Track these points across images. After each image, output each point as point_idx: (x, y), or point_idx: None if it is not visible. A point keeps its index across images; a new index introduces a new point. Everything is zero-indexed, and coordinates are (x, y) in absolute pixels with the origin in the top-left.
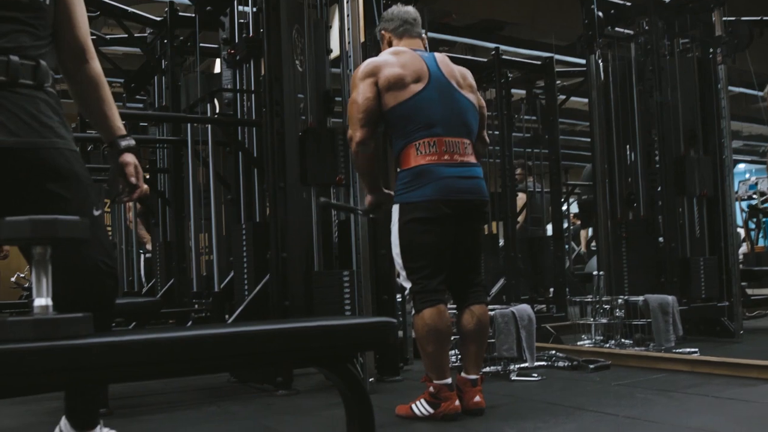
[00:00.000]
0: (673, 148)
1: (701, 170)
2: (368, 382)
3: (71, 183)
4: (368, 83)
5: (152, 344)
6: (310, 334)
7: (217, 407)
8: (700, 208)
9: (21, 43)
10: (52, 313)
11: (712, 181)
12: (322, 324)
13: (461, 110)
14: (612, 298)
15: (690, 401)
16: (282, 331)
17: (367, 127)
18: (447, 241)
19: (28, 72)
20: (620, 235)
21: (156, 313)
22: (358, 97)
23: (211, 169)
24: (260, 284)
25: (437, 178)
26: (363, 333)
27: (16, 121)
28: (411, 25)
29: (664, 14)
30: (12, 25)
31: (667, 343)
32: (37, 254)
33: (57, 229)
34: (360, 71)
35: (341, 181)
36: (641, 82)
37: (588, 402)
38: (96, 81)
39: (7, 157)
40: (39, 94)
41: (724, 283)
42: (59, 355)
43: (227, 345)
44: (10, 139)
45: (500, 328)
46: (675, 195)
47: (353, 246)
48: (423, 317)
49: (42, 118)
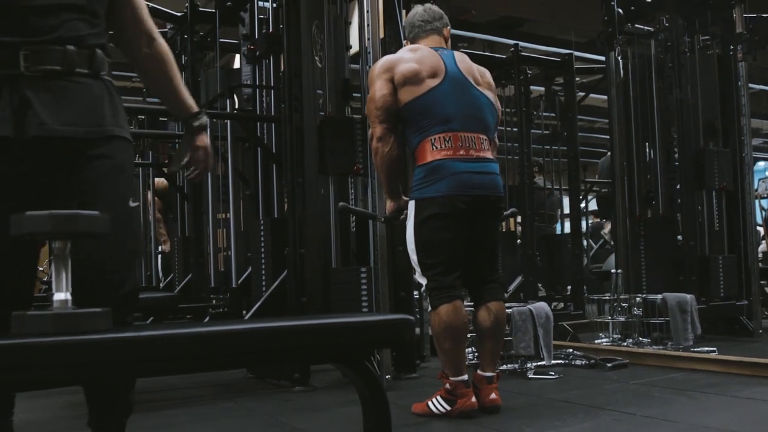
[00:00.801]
0: (692, 145)
1: (721, 163)
2: (385, 379)
3: (116, 173)
4: (384, 79)
5: (170, 340)
6: (328, 330)
7: (233, 403)
8: (720, 205)
9: (78, 32)
10: (72, 308)
11: (732, 174)
12: (339, 321)
13: (478, 106)
14: (630, 296)
15: (708, 401)
16: (299, 327)
17: (386, 123)
18: (462, 237)
19: (84, 61)
20: (639, 232)
21: (174, 308)
22: (375, 94)
23: (230, 165)
24: (278, 280)
25: (452, 173)
26: (380, 330)
27: (71, 110)
28: (420, 26)
29: (685, 11)
30: (68, 13)
31: (685, 342)
32: (57, 249)
33: (77, 224)
34: (376, 68)
35: (359, 171)
36: (661, 79)
37: (605, 401)
38: (163, 58)
39: (60, 145)
40: (95, 83)
41: (743, 281)
42: (78, 349)
43: (245, 341)
44: (64, 128)
45: (518, 325)
46: (694, 192)
47: (371, 242)
48: (439, 314)
49: (96, 107)
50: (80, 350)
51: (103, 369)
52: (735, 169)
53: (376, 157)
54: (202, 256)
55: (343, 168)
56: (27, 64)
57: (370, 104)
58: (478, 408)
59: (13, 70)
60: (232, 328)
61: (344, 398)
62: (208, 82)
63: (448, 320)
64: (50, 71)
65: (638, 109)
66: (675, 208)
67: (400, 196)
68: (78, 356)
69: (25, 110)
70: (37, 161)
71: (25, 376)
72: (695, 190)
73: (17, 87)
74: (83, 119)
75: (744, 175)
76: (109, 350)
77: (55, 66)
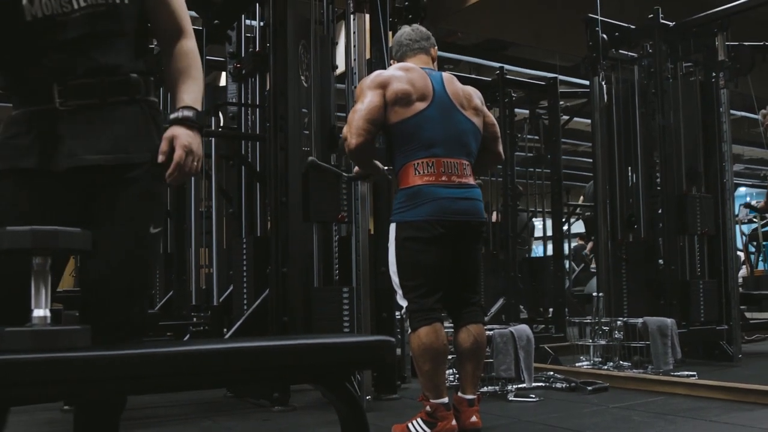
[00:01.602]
0: (674, 170)
1: (702, 209)
2: (365, 399)
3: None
4: (377, 93)
5: (149, 358)
6: (308, 351)
7: (212, 422)
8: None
9: (113, 60)
10: (50, 325)
11: (713, 213)
12: (319, 341)
13: (462, 131)
14: (611, 320)
15: (687, 425)
16: (279, 347)
17: (366, 135)
18: (443, 261)
19: (119, 88)
20: (620, 256)
21: (154, 325)
22: (364, 104)
23: (214, 183)
24: (259, 299)
25: (434, 199)
26: (361, 351)
27: (103, 138)
28: (408, 45)
29: (668, 38)
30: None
31: (665, 366)
32: (37, 265)
33: (58, 240)
34: (369, 80)
35: (343, 219)
36: (644, 105)
37: (585, 424)
38: (181, 53)
39: (91, 173)
40: (130, 108)
41: (724, 306)
42: (57, 366)
43: (224, 360)
44: (95, 156)
45: (499, 347)
46: (676, 220)
47: (353, 263)
48: (419, 336)
49: (129, 133)
50: (58, 367)
51: (80, 387)
52: (716, 196)
53: (349, 157)
54: (185, 274)
55: (328, 217)
56: (61, 99)
57: (353, 115)
58: (458, 431)
59: (47, 105)
60: (212, 347)
61: (324, 419)
62: None
63: (428, 342)
64: (84, 104)
65: (621, 134)
66: (656, 233)
67: (372, 166)
68: (56, 373)
69: (56, 143)
70: (70, 190)
71: (3, 393)
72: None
73: (50, 121)
74: (115, 146)
75: (725, 201)
76: (87, 368)
77: (89, 99)
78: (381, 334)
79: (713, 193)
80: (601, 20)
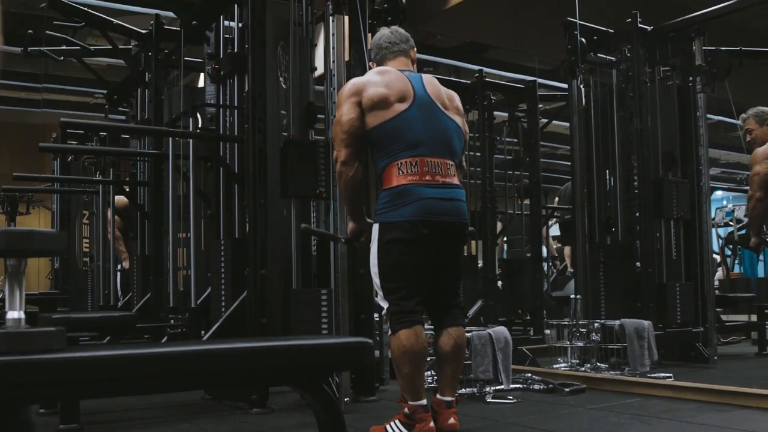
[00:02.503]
0: (651, 174)
1: (679, 193)
2: (343, 401)
3: None
4: (352, 103)
5: (124, 360)
6: (285, 352)
7: (190, 424)
8: (678, 234)
9: None
10: (25, 327)
11: (689, 204)
12: (296, 343)
13: (446, 131)
14: (588, 322)
15: (663, 426)
16: (256, 349)
17: (351, 147)
18: (425, 263)
19: None
20: (598, 259)
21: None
22: (342, 117)
23: (192, 184)
24: (237, 301)
25: (417, 199)
26: (338, 353)
27: None
28: (387, 47)
29: (646, 42)
30: None
31: (642, 368)
32: (11, 266)
33: (32, 241)
34: (344, 91)
35: (322, 194)
36: (622, 108)
37: (562, 426)
38: None
39: None
40: None
41: (700, 308)
42: (31, 368)
43: (201, 362)
44: None
45: (477, 349)
46: (653, 220)
47: (332, 264)
48: (399, 338)
49: None
50: (33, 369)
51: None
52: (693, 198)
53: (339, 180)
54: (162, 275)
55: (306, 191)
56: None
57: (336, 127)
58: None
59: None
60: (189, 349)
61: (302, 420)
62: (172, 100)
63: (408, 345)
64: None
65: (599, 137)
66: (634, 236)
67: (363, 217)
68: (31, 375)
69: None
70: None
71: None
72: (654, 219)
73: None
74: None
75: (701, 203)
76: (63, 370)
77: None
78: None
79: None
80: (579, 24)
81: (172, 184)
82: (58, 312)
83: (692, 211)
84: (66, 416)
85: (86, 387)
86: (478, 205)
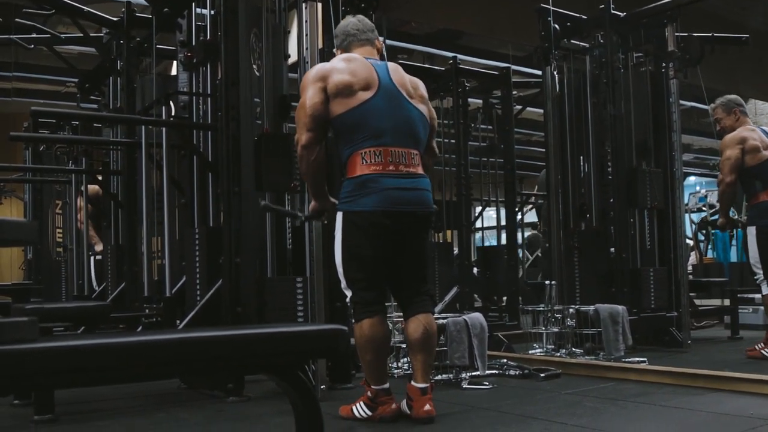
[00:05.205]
0: (625, 160)
1: (653, 183)
2: (319, 389)
3: None
4: (317, 88)
5: (99, 350)
6: (260, 340)
7: (166, 414)
8: (651, 220)
9: None
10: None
11: (663, 193)
12: (271, 331)
13: (410, 120)
14: (563, 308)
15: (637, 410)
16: (231, 337)
17: (314, 131)
18: (387, 253)
19: None
20: (572, 245)
21: (106, 317)
22: (306, 102)
23: (165, 173)
24: (212, 289)
25: (381, 189)
26: (313, 340)
27: None
28: (355, 34)
29: (619, 28)
30: None
31: (616, 353)
32: None
33: (2, 230)
34: (309, 75)
35: (296, 188)
36: (595, 95)
37: (537, 411)
38: None
39: None
40: None
41: (673, 293)
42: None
43: (176, 351)
44: None
45: (452, 336)
46: (626, 206)
47: (307, 252)
48: (362, 327)
49: None
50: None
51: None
52: (666, 184)
53: (301, 163)
54: (136, 265)
55: (280, 186)
56: None
57: (299, 111)
58: (412, 419)
59: None
60: (163, 338)
61: (278, 408)
62: (144, 88)
63: (371, 334)
64: None
65: (573, 124)
66: (608, 222)
67: (326, 197)
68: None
69: None
70: None
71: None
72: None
73: None
74: None
75: (674, 189)
76: (35, 360)
77: None
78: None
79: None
80: (553, 10)
81: (145, 172)
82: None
83: (665, 196)
84: (40, 407)
85: (60, 377)
86: (453, 192)
